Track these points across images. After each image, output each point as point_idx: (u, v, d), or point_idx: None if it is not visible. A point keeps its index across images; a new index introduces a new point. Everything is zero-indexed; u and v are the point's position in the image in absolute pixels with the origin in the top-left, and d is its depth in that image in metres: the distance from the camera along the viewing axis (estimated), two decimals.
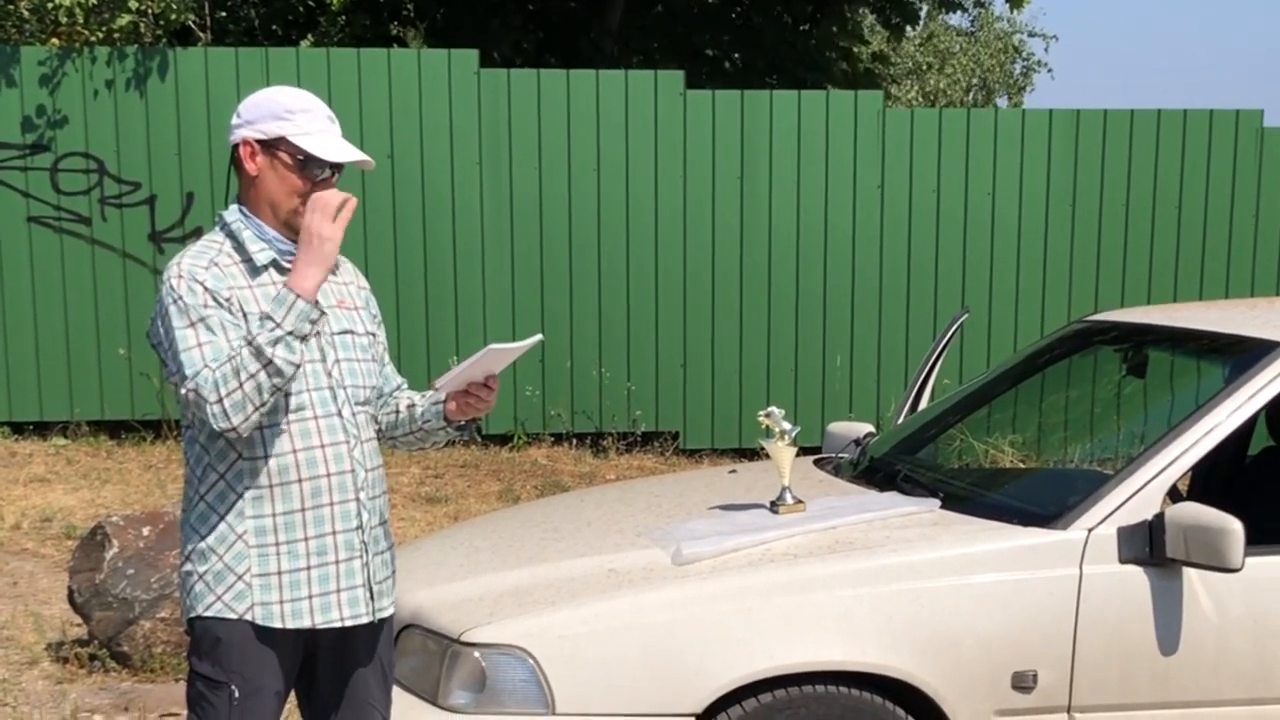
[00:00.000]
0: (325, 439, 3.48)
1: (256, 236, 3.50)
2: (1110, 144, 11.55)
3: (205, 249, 3.47)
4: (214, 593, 3.42)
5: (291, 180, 3.49)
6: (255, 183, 3.50)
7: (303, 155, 3.48)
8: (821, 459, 5.59)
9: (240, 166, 3.53)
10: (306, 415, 3.47)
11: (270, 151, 3.49)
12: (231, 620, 3.41)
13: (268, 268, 3.49)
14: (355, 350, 3.61)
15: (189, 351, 3.30)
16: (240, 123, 3.52)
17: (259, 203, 3.51)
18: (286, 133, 3.48)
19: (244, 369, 3.26)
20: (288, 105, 3.51)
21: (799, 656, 3.97)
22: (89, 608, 6.43)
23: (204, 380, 3.26)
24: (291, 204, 3.49)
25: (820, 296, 11.52)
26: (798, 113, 11.39)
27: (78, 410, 11.24)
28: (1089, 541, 4.10)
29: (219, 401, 3.25)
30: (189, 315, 3.33)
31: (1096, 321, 5.76)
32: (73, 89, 10.99)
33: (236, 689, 3.44)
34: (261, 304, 3.41)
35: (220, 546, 3.42)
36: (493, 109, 11.22)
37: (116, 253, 11.11)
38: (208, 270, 3.40)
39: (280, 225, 3.51)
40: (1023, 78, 37.03)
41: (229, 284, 3.41)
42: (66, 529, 8.74)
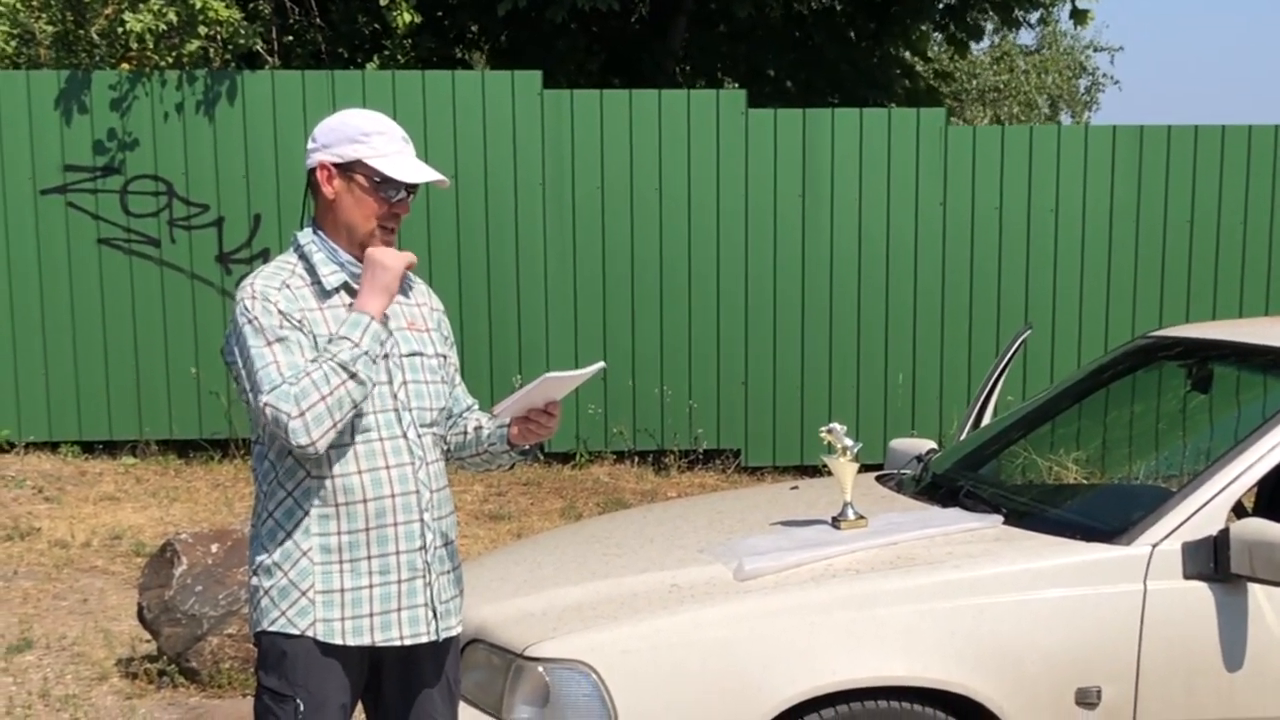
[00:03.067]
0: (390, 460, 3.52)
1: (329, 259, 3.55)
2: (1174, 160, 11.48)
3: (278, 270, 3.52)
4: (278, 608, 3.47)
5: (368, 202, 3.53)
6: (333, 205, 3.55)
7: (379, 177, 3.52)
8: (884, 475, 5.59)
9: (317, 190, 3.57)
10: (372, 437, 3.50)
11: (347, 175, 3.53)
12: (295, 636, 3.46)
13: (338, 290, 3.53)
14: (424, 372, 3.65)
15: (266, 368, 3.34)
16: (316, 146, 3.56)
17: (335, 225, 3.56)
18: (362, 155, 3.52)
19: (325, 383, 3.31)
20: (363, 128, 3.55)
21: (861, 671, 3.98)
22: (158, 624, 6.50)
23: (283, 395, 3.30)
24: (369, 226, 3.55)
25: (882, 313, 11.50)
26: (860, 131, 11.39)
27: (147, 429, 11.36)
28: (1153, 557, 4.09)
29: (300, 416, 3.29)
30: (265, 335, 3.37)
31: (1161, 337, 5.74)
32: (142, 112, 11.13)
33: (302, 702, 3.47)
34: (331, 326, 3.46)
35: (285, 562, 3.47)
36: (556, 129, 11.27)
37: (185, 274, 11.23)
38: (280, 291, 3.45)
39: (356, 248, 3.55)
40: (1088, 94, 36.78)
41: (300, 306, 3.46)
42: (135, 546, 8.84)
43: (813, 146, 11.36)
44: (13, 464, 10.96)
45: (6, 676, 6.66)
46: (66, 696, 6.35)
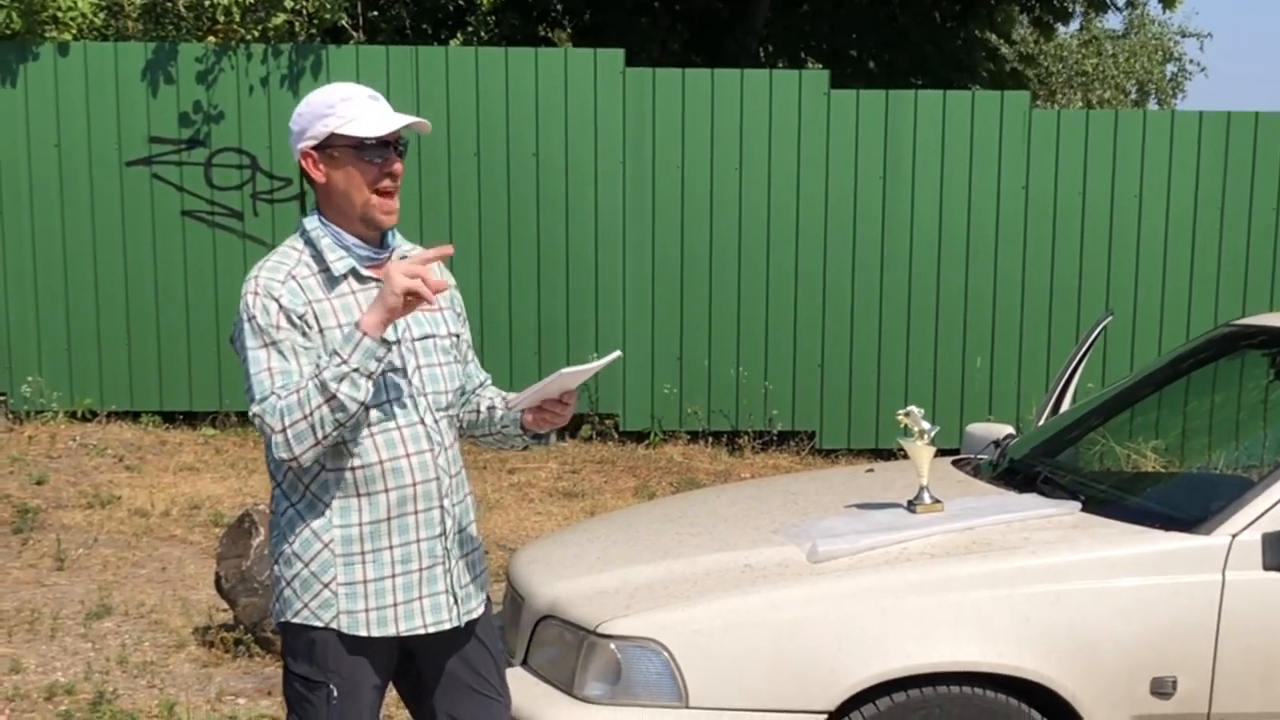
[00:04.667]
0: (410, 448, 3.49)
1: (335, 244, 3.49)
2: (1262, 147, 11.32)
3: (283, 260, 3.46)
4: (301, 599, 3.46)
5: (354, 173, 3.44)
6: (327, 188, 3.48)
7: (355, 142, 3.42)
8: (960, 460, 5.55)
9: (310, 179, 3.51)
10: (390, 425, 3.47)
11: (326, 152, 3.44)
12: (318, 628, 3.46)
13: (346, 277, 3.48)
14: (437, 354, 3.60)
15: (259, 375, 3.34)
16: (294, 137, 3.49)
17: (335, 208, 3.49)
18: (333, 127, 3.42)
19: (308, 402, 3.27)
20: (328, 101, 3.46)
21: (934, 656, 3.96)
22: (235, 594, 6.56)
23: (270, 408, 3.29)
24: (364, 196, 3.45)
25: (961, 297, 11.43)
26: (943, 113, 11.32)
27: (227, 401, 11.48)
28: (1232, 547, 4.04)
29: (282, 431, 3.28)
30: (261, 336, 3.35)
31: (1244, 325, 5.66)
32: (228, 86, 11.22)
33: (335, 688, 3.48)
34: (340, 316, 3.43)
35: (306, 554, 3.45)
36: (637, 108, 11.27)
37: (267, 247, 11.22)
38: (284, 285, 3.39)
39: (359, 225, 3.49)
40: (1173, 81, 36.35)
41: (306, 298, 3.41)
42: (214, 516, 8.93)
43: (895, 128, 11.30)
44: (95, 433, 11.11)
45: (85, 642, 6.75)
46: (144, 663, 6.43)
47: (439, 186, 11.27)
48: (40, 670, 6.35)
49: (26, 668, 6.36)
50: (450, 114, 11.23)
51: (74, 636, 6.82)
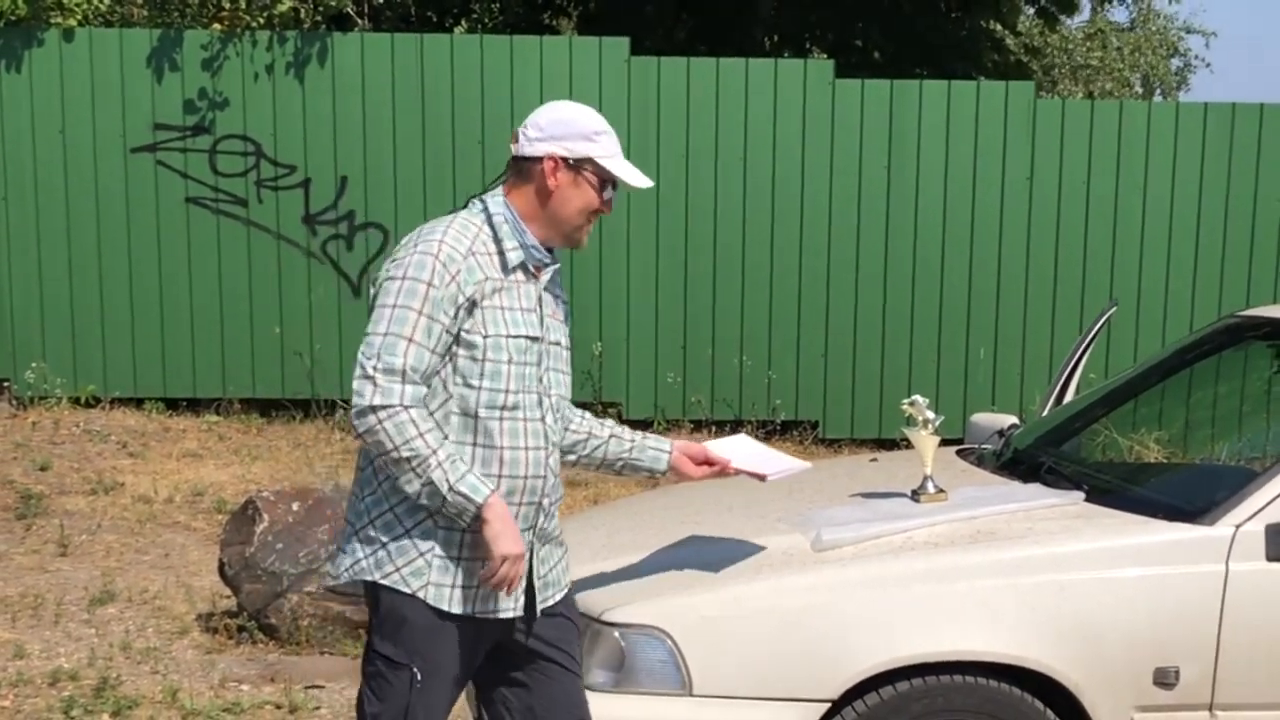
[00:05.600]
0: (530, 442, 3.57)
1: (513, 234, 3.57)
2: (1266, 139, 11.31)
3: (465, 232, 3.52)
4: (394, 563, 3.49)
5: (589, 196, 3.59)
6: (552, 196, 3.58)
7: (608, 177, 3.61)
8: (964, 449, 5.56)
9: (536, 177, 3.58)
10: (519, 416, 3.54)
11: (575, 170, 3.58)
12: (405, 594, 3.48)
13: (516, 269, 3.57)
14: (561, 362, 3.72)
15: (396, 339, 3.38)
16: (544, 137, 3.59)
17: (542, 211, 3.60)
18: (594, 154, 3.58)
19: (412, 445, 3.35)
20: (594, 127, 3.60)
21: (938, 645, 3.97)
22: (238, 580, 6.57)
23: (388, 389, 3.35)
24: (579, 220, 3.62)
25: (965, 287, 11.43)
26: (947, 103, 11.31)
27: (230, 388, 11.49)
28: (1236, 538, 4.04)
29: (374, 412, 3.34)
30: (421, 303, 3.40)
31: (1249, 316, 5.66)
32: (233, 72, 11.22)
33: (419, 671, 3.50)
34: (502, 298, 3.52)
35: (408, 520, 3.49)
36: (642, 96, 11.26)
37: (271, 234, 11.32)
38: (465, 260, 3.47)
39: (555, 234, 3.62)
40: (1179, 76, 36.27)
41: (480, 276, 3.48)
42: (217, 503, 8.94)
43: (899, 118, 11.30)
44: (98, 419, 11.11)
45: (89, 628, 6.76)
46: (147, 649, 6.44)
47: (443, 175, 11.27)
48: (44, 656, 6.36)
49: (30, 653, 6.37)
50: (455, 102, 11.22)
51: (77, 622, 6.83)
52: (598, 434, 3.96)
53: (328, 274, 11.38)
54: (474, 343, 3.47)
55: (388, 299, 3.42)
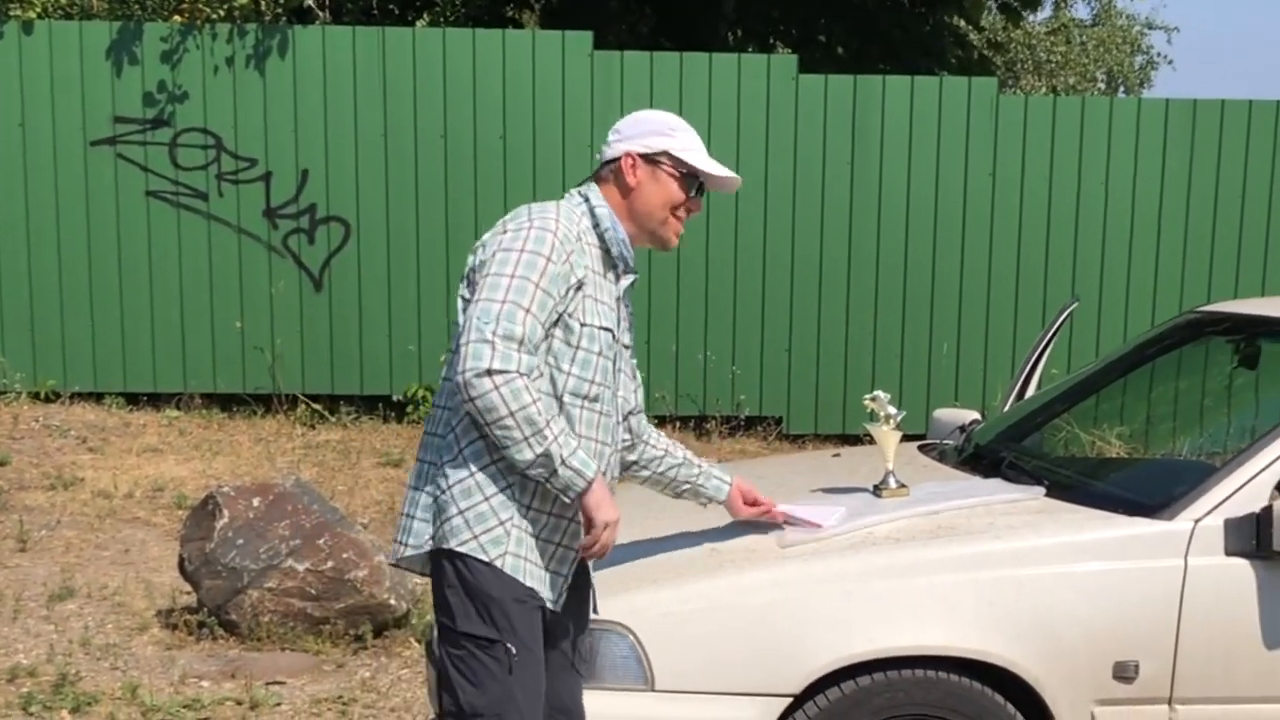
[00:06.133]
0: (600, 435, 3.62)
1: (613, 227, 3.64)
2: (1227, 135, 11.38)
3: (571, 217, 3.58)
4: (471, 530, 3.46)
5: (671, 190, 3.67)
6: (633, 193, 3.66)
7: (686, 168, 3.68)
8: (926, 445, 5.57)
9: (617, 176, 3.66)
10: (597, 408, 3.60)
11: (652, 163, 3.67)
12: (482, 563, 3.45)
13: (615, 264, 3.65)
14: (627, 365, 3.78)
15: (514, 308, 3.37)
16: (621, 138, 3.71)
17: (628, 209, 3.67)
18: (669, 147, 3.66)
19: (528, 410, 3.33)
20: (669, 123, 3.71)
21: (899, 640, 3.97)
22: (199, 576, 6.55)
23: (507, 356, 3.32)
24: (663, 215, 3.70)
25: (928, 283, 11.46)
26: (910, 99, 11.33)
27: (191, 382, 11.43)
28: (1195, 533, 4.05)
29: (490, 376, 3.30)
30: (539, 277, 3.42)
31: (1209, 312, 5.69)
32: (193, 65, 11.16)
33: (513, 647, 3.47)
34: (600, 292, 3.59)
35: (489, 488, 3.47)
36: (605, 91, 11.25)
37: (232, 228, 11.27)
38: (576, 243, 3.53)
39: (643, 234, 3.70)
40: (1141, 72, 36.40)
41: (586, 262, 3.54)
42: (177, 499, 8.90)
43: (863, 113, 11.32)
44: (58, 414, 11.04)
45: (48, 624, 6.72)
46: (107, 645, 6.41)
47: (405, 169, 11.23)
48: (2, 652, 6.33)
49: None
50: (417, 95, 11.19)
51: (36, 618, 6.79)
52: (674, 455, 4.10)
53: (289, 268, 11.33)
54: (572, 327, 3.51)
55: (505, 268, 3.42)
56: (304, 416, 11.21)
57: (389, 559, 3.75)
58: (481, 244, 3.56)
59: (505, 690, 3.48)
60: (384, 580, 6.51)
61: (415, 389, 11.33)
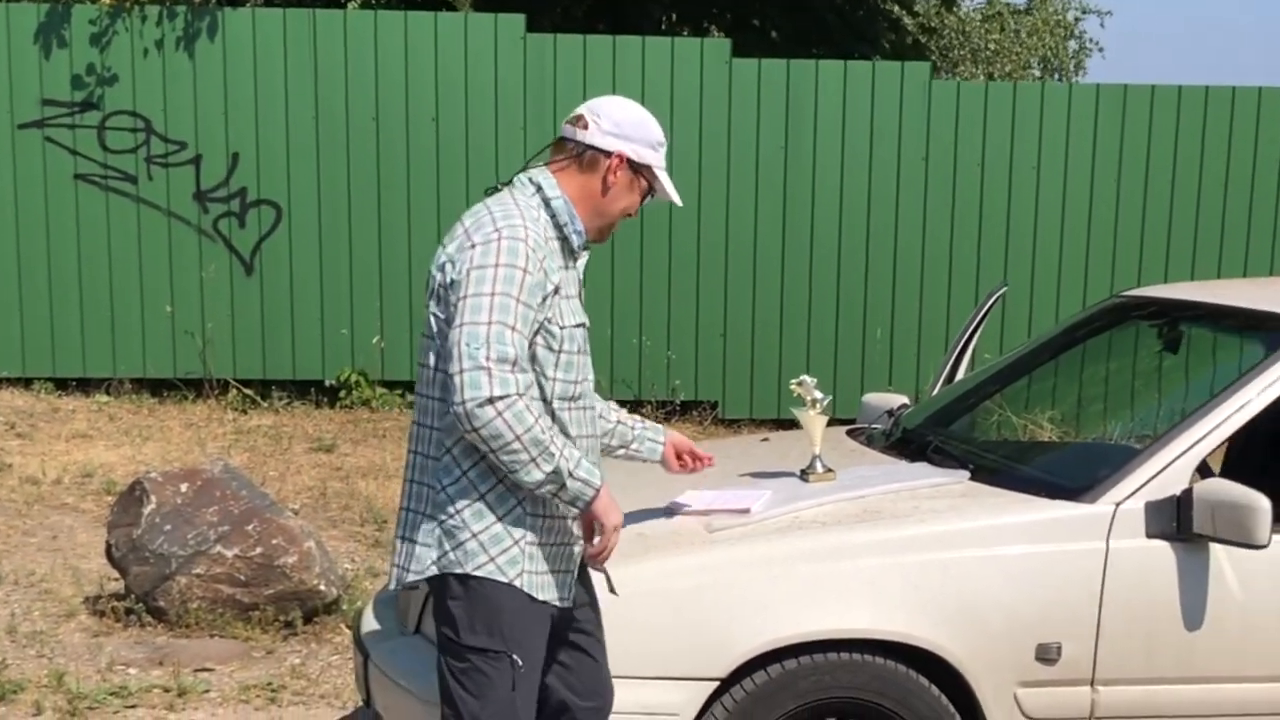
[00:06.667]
0: (587, 429, 3.65)
1: (570, 219, 3.61)
2: (1157, 120, 11.46)
3: (536, 219, 3.53)
4: (488, 553, 3.44)
5: (634, 200, 3.69)
6: (608, 190, 3.65)
7: (655, 190, 3.74)
8: (854, 429, 5.59)
9: (598, 169, 3.63)
10: (582, 405, 3.61)
11: (634, 172, 3.67)
12: (502, 584, 3.44)
13: (574, 252, 3.65)
14: (588, 345, 3.72)
15: (501, 327, 3.32)
16: (619, 135, 3.65)
17: (589, 201, 3.65)
18: (653, 164, 3.70)
19: (531, 433, 3.31)
20: (659, 138, 3.72)
21: (825, 624, 4.00)
22: (126, 562, 6.49)
23: (503, 379, 3.28)
24: (617, 218, 3.72)
25: (862, 268, 11.49)
26: (843, 83, 11.35)
27: (121, 367, 11.34)
28: (1116, 516, 4.09)
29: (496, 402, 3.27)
30: (519, 290, 3.37)
31: (1134, 296, 5.74)
32: (122, 48, 11.06)
33: (519, 658, 3.47)
34: (570, 287, 3.59)
35: (500, 508, 3.45)
36: (538, 74, 11.21)
37: (162, 212, 11.18)
38: (546, 245, 3.50)
39: (593, 230, 3.70)
40: (1075, 59, 36.59)
41: (557, 264, 3.54)
42: (107, 485, 8.81)
43: (796, 98, 11.33)
44: None
45: None
46: (33, 633, 6.35)
47: (337, 152, 11.17)
48: None
49: None
50: (349, 79, 11.13)
51: None
52: (607, 418, 4.02)
53: (220, 252, 11.25)
54: (553, 333, 3.49)
55: (484, 287, 3.35)
56: (235, 401, 11.14)
57: (390, 584, 3.72)
58: (449, 259, 3.47)
59: (509, 701, 3.49)
60: (314, 566, 6.47)
61: (348, 374, 11.29)
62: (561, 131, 3.69)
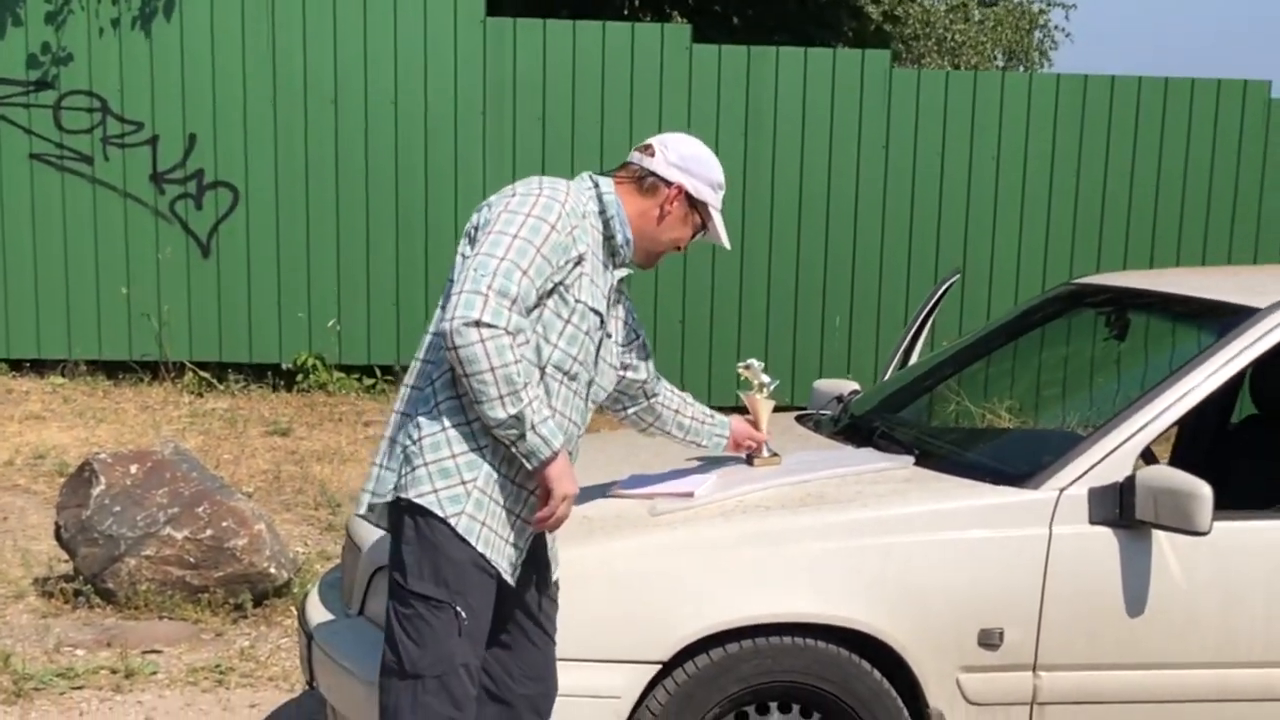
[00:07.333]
0: (573, 415, 3.69)
1: (618, 222, 3.70)
2: (1117, 111, 11.50)
3: (580, 196, 3.65)
4: (432, 484, 3.46)
5: (684, 234, 3.83)
6: (662, 220, 3.77)
7: (707, 229, 3.87)
8: (803, 415, 5.59)
9: (656, 195, 3.77)
10: (574, 386, 3.64)
11: (691, 206, 3.80)
12: (436, 519, 3.44)
13: (614, 252, 3.72)
14: (612, 357, 3.83)
15: (511, 268, 3.39)
16: (683, 168, 3.78)
17: (642, 226, 3.77)
18: (711, 203, 3.82)
19: (508, 368, 3.33)
20: (720, 179, 3.85)
21: (766, 608, 3.99)
22: (75, 544, 6.47)
23: (497, 310, 3.33)
24: (666, 249, 3.86)
25: (821, 255, 11.50)
26: (804, 70, 11.36)
27: (76, 349, 11.27)
28: (1060, 502, 4.09)
29: (478, 327, 3.30)
30: (540, 241, 3.45)
31: (1084, 284, 5.75)
32: (78, 27, 10.98)
33: (462, 610, 3.48)
34: (597, 276, 3.65)
35: (458, 445, 3.47)
36: (498, 58, 11.19)
37: (118, 192, 11.12)
38: (583, 220, 3.58)
39: (641, 253, 3.83)
40: (1039, 49, 36.61)
41: (589, 239, 3.60)
42: (59, 466, 8.76)
43: (757, 84, 11.33)
44: None
45: None
46: None
47: (295, 134, 11.13)
48: None
49: None
50: (307, 60, 11.09)
51: None
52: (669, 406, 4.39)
53: (176, 234, 11.19)
54: (566, 300, 3.55)
55: (510, 228, 3.44)
56: (191, 384, 11.09)
57: (355, 510, 3.73)
58: (487, 204, 3.59)
59: (449, 652, 3.49)
60: (264, 549, 6.45)
61: (305, 357, 11.25)
62: (629, 156, 3.81)
